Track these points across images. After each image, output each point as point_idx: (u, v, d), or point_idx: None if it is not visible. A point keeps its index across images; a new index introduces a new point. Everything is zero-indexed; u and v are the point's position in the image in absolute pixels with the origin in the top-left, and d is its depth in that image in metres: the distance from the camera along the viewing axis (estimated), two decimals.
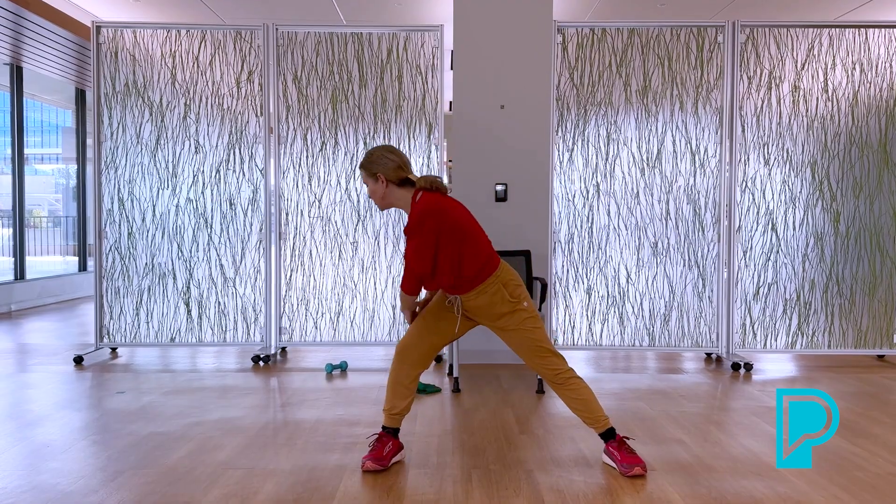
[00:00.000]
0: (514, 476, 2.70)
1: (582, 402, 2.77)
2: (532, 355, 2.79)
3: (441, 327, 2.85)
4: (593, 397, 2.79)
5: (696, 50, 4.75)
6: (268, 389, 4.11)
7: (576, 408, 2.79)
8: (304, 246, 4.87)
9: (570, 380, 2.77)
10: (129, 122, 4.86)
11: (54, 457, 2.89)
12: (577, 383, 2.78)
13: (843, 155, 4.76)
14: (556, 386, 2.79)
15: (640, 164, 4.76)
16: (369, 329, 4.89)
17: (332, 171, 4.86)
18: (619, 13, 7.34)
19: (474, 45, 4.77)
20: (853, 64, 4.75)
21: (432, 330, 2.85)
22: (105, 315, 4.90)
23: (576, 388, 2.78)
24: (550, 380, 2.79)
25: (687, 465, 2.82)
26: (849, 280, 4.78)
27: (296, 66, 4.84)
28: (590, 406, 2.78)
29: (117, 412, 3.57)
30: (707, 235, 4.78)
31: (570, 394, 2.78)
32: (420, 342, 2.84)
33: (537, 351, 2.78)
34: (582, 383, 2.79)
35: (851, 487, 2.60)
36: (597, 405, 2.78)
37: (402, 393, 2.83)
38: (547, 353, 2.78)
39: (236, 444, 3.05)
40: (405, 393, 2.83)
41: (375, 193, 2.82)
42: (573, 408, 2.80)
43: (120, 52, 4.85)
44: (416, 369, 2.84)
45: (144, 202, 4.88)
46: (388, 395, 2.85)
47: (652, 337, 4.80)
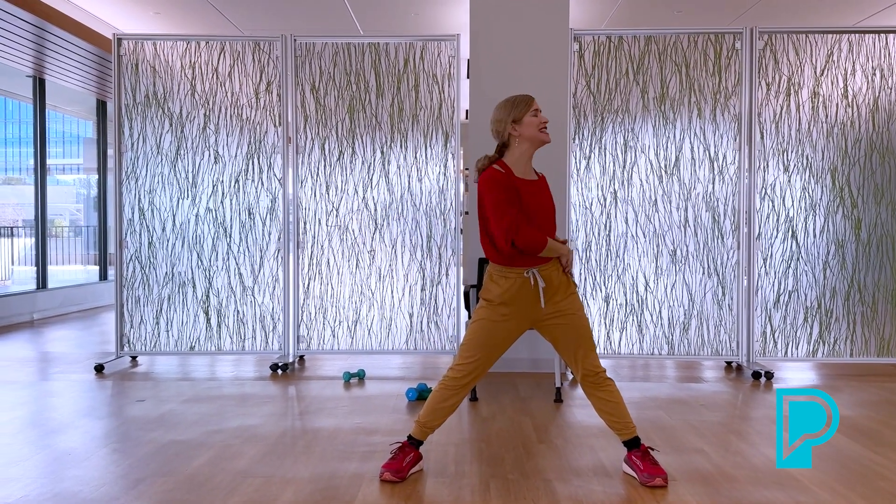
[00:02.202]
0: (533, 486, 2.69)
1: (615, 405, 2.75)
2: (581, 347, 2.74)
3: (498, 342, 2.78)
4: (624, 402, 2.78)
5: (714, 57, 4.73)
6: (286, 397, 4.12)
7: (607, 411, 2.75)
8: (322, 255, 4.90)
9: (607, 380, 2.76)
10: (150, 132, 4.92)
11: (76, 464, 2.92)
12: (613, 385, 2.77)
13: (864, 161, 4.72)
14: (593, 386, 2.75)
15: (657, 172, 4.74)
16: (386, 337, 4.90)
17: (350, 181, 4.89)
18: (635, 21, 7.32)
19: (490, 53, 4.78)
20: (873, 69, 4.71)
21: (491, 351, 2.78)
22: (125, 324, 4.95)
23: (611, 391, 2.76)
24: (591, 378, 2.74)
25: (707, 475, 2.80)
26: (871, 288, 4.72)
27: (314, 76, 4.88)
28: (621, 410, 2.75)
29: (138, 420, 3.60)
30: (726, 243, 4.74)
31: (605, 395, 2.75)
32: (479, 374, 2.79)
33: (587, 342, 2.75)
34: (616, 386, 2.78)
35: (874, 497, 2.56)
36: (627, 411, 2.77)
37: (445, 414, 2.81)
38: (594, 346, 2.77)
39: (255, 452, 3.07)
40: (447, 414, 2.81)
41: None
42: (604, 410, 2.76)
43: (140, 64, 4.91)
44: (464, 394, 2.82)
45: (164, 212, 4.93)
46: (428, 411, 2.79)
47: (671, 345, 4.77)
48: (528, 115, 2.71)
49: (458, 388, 2.76)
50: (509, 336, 2.78)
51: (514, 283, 2.70)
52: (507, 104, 2.74)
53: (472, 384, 2.79)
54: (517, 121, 2.71)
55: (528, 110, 2.72)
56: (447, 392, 2.77)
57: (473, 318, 2.80)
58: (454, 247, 4.86)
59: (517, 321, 2.76)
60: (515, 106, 2.72)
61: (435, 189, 4.87)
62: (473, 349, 2.75)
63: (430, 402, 2.79)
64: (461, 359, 2.77)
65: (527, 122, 2.71)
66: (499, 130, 2.74)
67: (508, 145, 2.76)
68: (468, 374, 2.75)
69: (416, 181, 4.88)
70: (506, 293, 2.71)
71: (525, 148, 2.75)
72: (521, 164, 2.75)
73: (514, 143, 2.75)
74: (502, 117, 2.73)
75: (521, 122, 2.71)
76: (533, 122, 2.72)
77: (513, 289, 2.71)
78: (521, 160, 2.75)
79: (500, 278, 2.73)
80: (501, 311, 2.73)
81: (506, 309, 2.73)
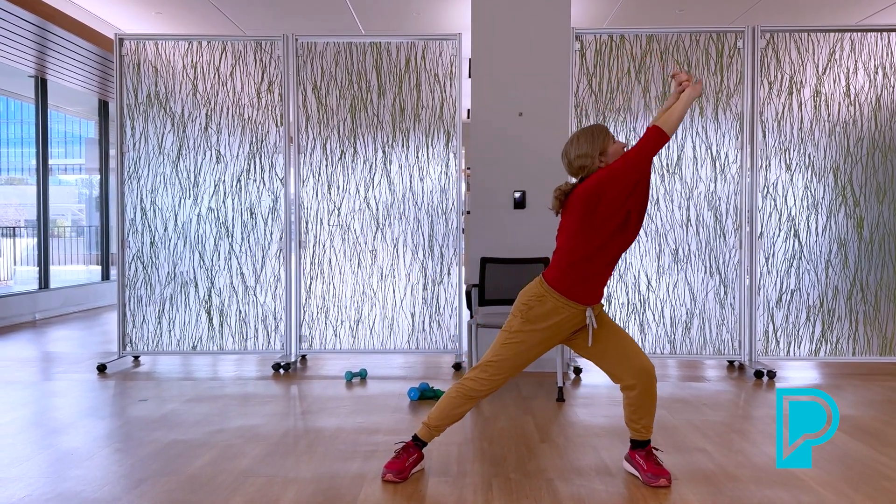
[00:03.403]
0: (535, 485, 2.69)
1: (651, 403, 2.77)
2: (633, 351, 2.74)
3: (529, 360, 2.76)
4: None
5: (716, 55, 4.72)
6: (288, 397, 4.12)
7: (645, 405, 2.75)
8: (324, 254, 4.90)
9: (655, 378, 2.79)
10: (152, 132, 4.92)
11: (78, 464, 2.92)
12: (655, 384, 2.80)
13: (866, 160, 4.71)
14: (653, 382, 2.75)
15: (659, 171, 4.74)
16: (388, 337, 4.90)
17: (352, 180, 4.89)
18: (637, 20, 7.32)
19: (492, 52, 4.78)
20: (875, 68, 4.70)
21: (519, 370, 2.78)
22: (128, 324, 4.95)
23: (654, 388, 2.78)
24: (652, 374, 2.74)
25: (710, 475, 2.79)
26: (873, 286, 4.71)
27: (315, 76, 4.88)
28: (652, 410, 2.78)
29: (140, 420, 3.60)
30: (728, 242, 4.74)
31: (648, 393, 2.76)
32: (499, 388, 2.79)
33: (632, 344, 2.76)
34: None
35: (878, 497, 2.55)
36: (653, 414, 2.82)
37: (455, 419, 2.80)
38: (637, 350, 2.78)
39: (257, 452, 3.07)
40: (456, 419, 2.81)
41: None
42: (640, 405, 2.75)
43: (142, 64, 4.92)
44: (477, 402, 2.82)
45: (166, 212, 4.93)
46: (439, 415, 2.78)
47: (673, 344, 4.76)
48: (612, 146, 2.71)
49: (475, 398, 2.76)
50: (538, 355, 2.79)
51: (568, 316, 2.68)
52: (588, 138, 2.70)
53: (487, 395, 2.80)
54: (603, 153, 2.69)
55: (610, 140, 2.71)
56: (463, 399, 2.75)
57: (508, 336, 2.73)
58: (456, 246, 4.86)
59: (552, 343, 2.77)
60: (597, 138, 2.69)
61: (436, 188, 4.87)
62: (503, 369, 2.72)
63: (443, 407, 2.77)
64: (486, 373, 2.73)
65: (612, 152, 2.70)
66: (586, 165, 2.69)
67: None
68: (489, 388, 2.75)
69: (418, 180, 4.87)
70: (556, 322, 2.69)
71: None
72: None
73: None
74: (589, 152, 2.68)
75: (608, 152, 2.70)
76: (618, 150, 2.71)
77: (564, 319, 2.69)
78: None
79: (555, 306, 2.67)
80: (541, 336, 2.70)
81: (548, 334, 2.71)
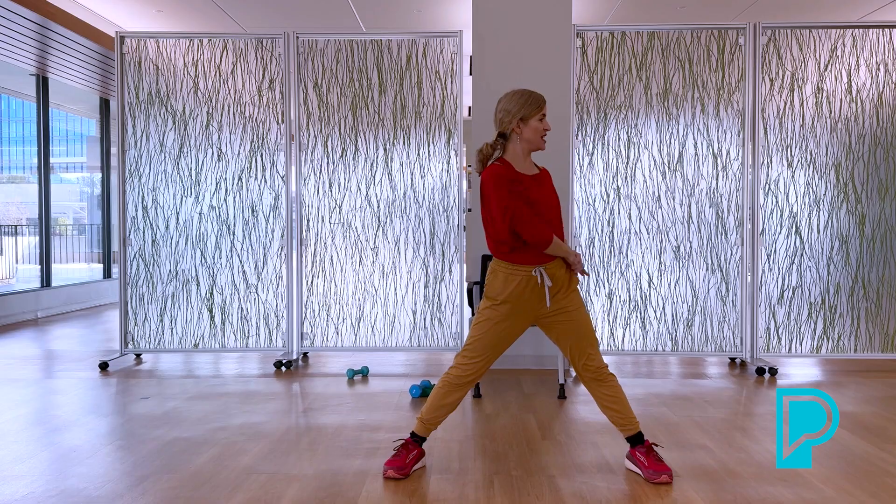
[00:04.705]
0: (537, 482, 2.69)
1: (617, 400, 2.75)
2: (585, 343, 2.74)
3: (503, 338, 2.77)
4: (626, 397, 2.79)
5: (717, 52, 4.71)
6: (290, 395, 4.13)
7: (611, 407, 2.76)
8: (325, 252, 4.90)
9: (609, 375, 2.77)
10: (153, 130, 4.92)
11: (81, 462, 2.93)
12: (615, 381, 2.78)
13: (868, 157, 4.70)
14: (596, 382, 2.76)
15: (661, 168, 4.73)
16: (390, 334, 4.90)
17: (353, 178, 4.89)
18: (638, 17, 7.30)
19: (493, 50, 4.78)
20: (877, 64, 4.69)
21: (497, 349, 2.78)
22: (129, 321, 4.95)
23: (615, 386, 2.77)
24: (593, 374, 2.75)
25: (712, 472, 2.79)
26: (875, 283, 4.71)
27: (316, 73, 4.88)
28: (624, 406, 2.76)
29: (142, 417, 3.60)
30: (730, 239, 4.73)
31: (609, 391, 2.75)
32: (483, 371, 2.80)
33: (589, 337, 2.75)
34: (617, 381, 2.79)
35: (881, 494, 2.55)
36: (629, 406, 2.78)
37: (447, 411, 2.81)
38: (596, 341, 2.78)
39: (259, 450, 3.07)
40: (449, 411, 2.82)
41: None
42: (608, 407, 2.76)
43: (143, 62, 4.92)
44: (467, 390, 2.82)
45: (168, 210, 4.93)
46: (430, 408, 2.80)
47: (675, 342, 4.76)
48: (535, 119, 2.71)
49: (460, 385, 2.77)
50: (512, 334, 2.78)
51: (520, 282, 2.69)
52: (519, 99, 2.72)
53: (474, 382, 2.79)
54: (524, 119, 2.70)
55: (537, 113, 2.71)
56: (449, 388, 2.78)
57: (477, 317, 2.79)
58: (457, 243, 4.86)
59: (520, 319, 2.76)
60: (527, 104, 2.70)
61: (438, 186, 4.87)
62: (478, 349, 2.75)
63: (432, 399, 2.80)
64: (465, 358, 2.77)
65: (532, 126, 2.71)
66: (503, 121, 2.73)
67: (509, 138, 2.76)
68: (471, 372, 2.76)
69: (419, 178, 4.87)
70: (510, 291, 2.70)
71: (522, 146, 2.76)
72: (520, 159, 2.77)
73: (513, 138, 2.75)
74: (511, 109, 2.71)
75: (528, 122, 2.71)
76: (537, 128, 2.73)
77: (518, 287, 2.70)
78: (519, 156, 2.77)
79: (506, 275, 2.71)
80: (504, 310, 2.72)
81: (509, 307, 2.72)
